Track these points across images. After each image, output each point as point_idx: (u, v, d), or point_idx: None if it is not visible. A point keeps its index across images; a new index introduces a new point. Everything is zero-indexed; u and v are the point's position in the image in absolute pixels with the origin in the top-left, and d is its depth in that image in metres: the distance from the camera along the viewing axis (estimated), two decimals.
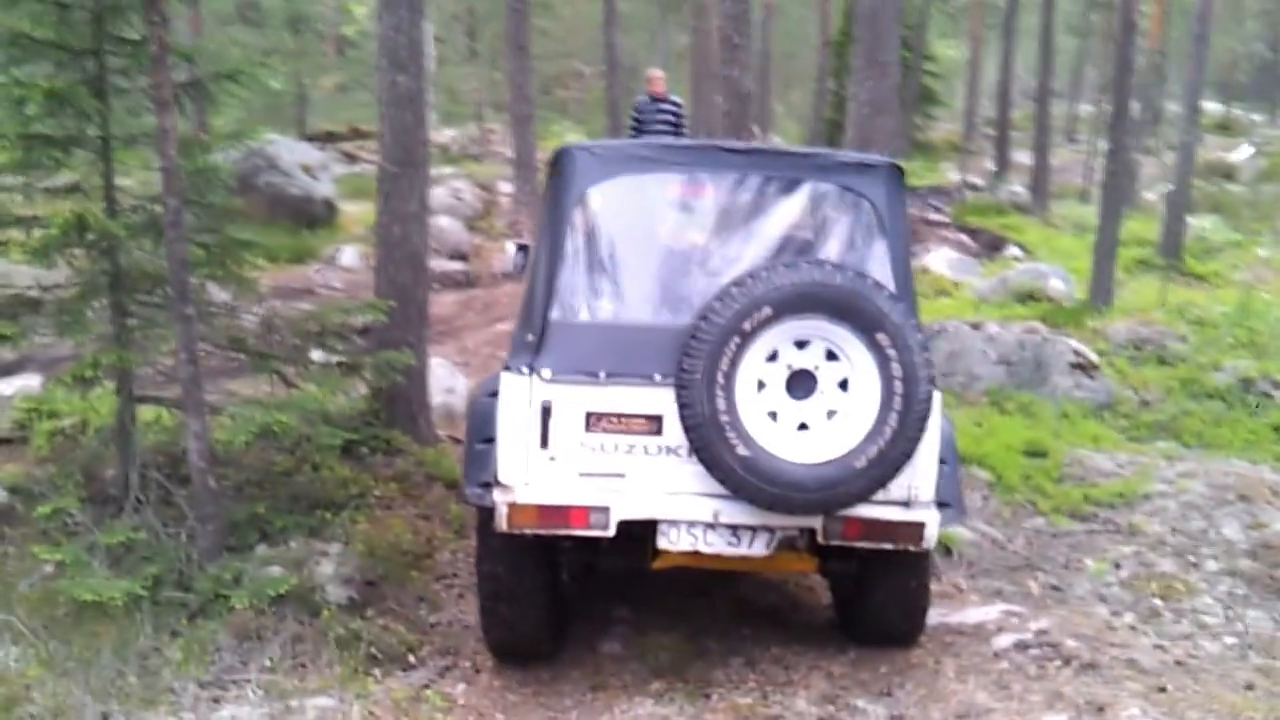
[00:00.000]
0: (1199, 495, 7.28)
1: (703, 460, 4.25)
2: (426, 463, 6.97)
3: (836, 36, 34.65)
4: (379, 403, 7.22)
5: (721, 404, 4.18)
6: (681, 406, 4.23)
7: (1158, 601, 6.14)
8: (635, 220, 4.68)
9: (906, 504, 4.43)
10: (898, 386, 4.21)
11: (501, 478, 4.39)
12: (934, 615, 5.34)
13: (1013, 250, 17.84)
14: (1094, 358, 9.53)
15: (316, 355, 6.42)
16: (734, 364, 4.19)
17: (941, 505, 4.51)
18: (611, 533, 4.36)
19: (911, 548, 4.45)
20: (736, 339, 4.18)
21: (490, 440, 4.47)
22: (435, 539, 6.32)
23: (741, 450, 4.18)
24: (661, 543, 4.44)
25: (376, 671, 4.98)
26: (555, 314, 4.45)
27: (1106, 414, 9.33)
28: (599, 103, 23.98)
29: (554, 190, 4.67)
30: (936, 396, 4.35)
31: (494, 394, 4.50)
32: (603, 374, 4.37)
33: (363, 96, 26.38)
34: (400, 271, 7.07)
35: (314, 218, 15.24)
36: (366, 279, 13.08)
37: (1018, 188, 23.89)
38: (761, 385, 4.27)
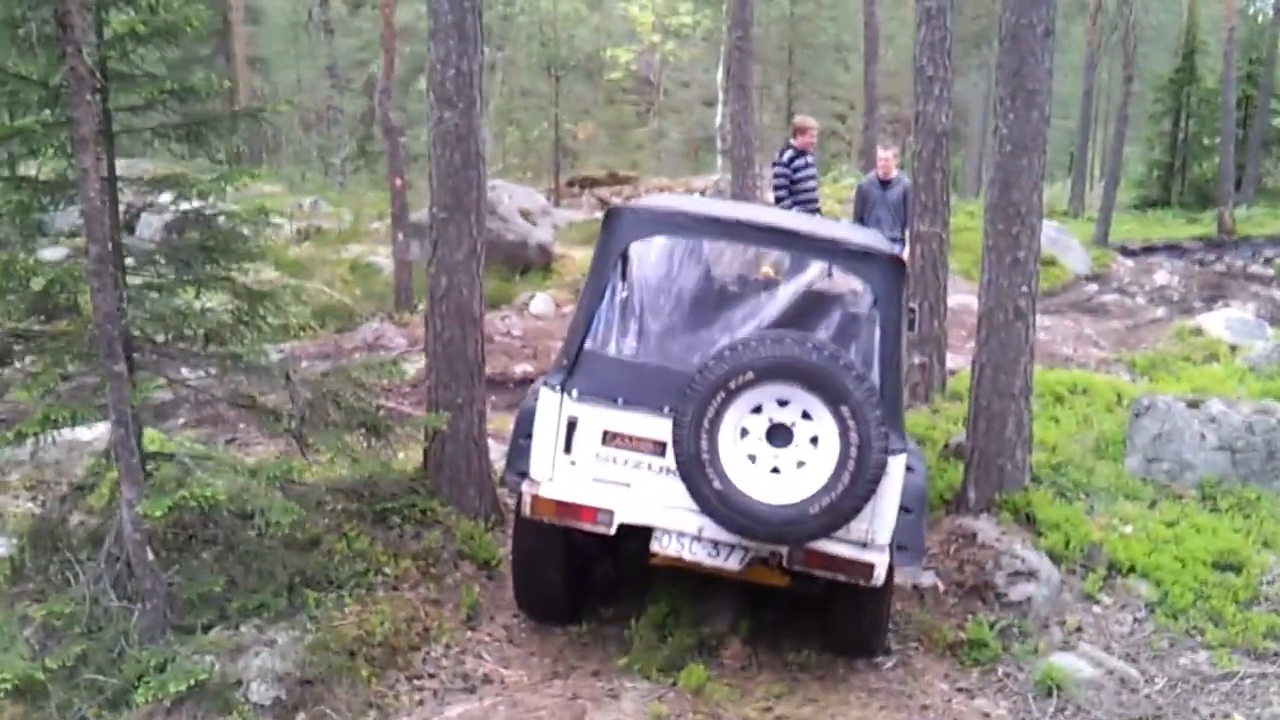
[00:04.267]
0: None
1: (687, 487, 4.91)
2: (460, 538, 6.28)
3: (1170, 74, 31.75)
4: (428, 469, 6.62)
5: (704, 445, 4.84)
6: (674, 442, 4.91)
7: None
8: (665, 275, 5.49)
9: (864, 544, 5.00)
10: (853, 452, 4.76)
11: (531, 473, 5.20)
12: None
13: None
14: None
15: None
16: (719, 413, 4.84)
17: (901, 549, 5.13)
18: (612, 532, 5.13)
19: (862, 582, 4.99)
20: (722, 394, 4.83)
21: (530, 437, 5.25)
22: (434, 628, 5.60)
23: (716, 484, 4.85)
24: (654, 546, 5.14)
25: None
26: (589, 345, 5.24)
27: None
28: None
29: (602, 241, 5.37)
30: (897, 460, 4.92)
31: None
32: (621, 400, 5.12)
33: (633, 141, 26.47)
34: (447, 326, 6.44)
35: (528, 263, 15.07)
36: (551, 326, 12.72)
37: None
38: (745, 432, 4.92)
